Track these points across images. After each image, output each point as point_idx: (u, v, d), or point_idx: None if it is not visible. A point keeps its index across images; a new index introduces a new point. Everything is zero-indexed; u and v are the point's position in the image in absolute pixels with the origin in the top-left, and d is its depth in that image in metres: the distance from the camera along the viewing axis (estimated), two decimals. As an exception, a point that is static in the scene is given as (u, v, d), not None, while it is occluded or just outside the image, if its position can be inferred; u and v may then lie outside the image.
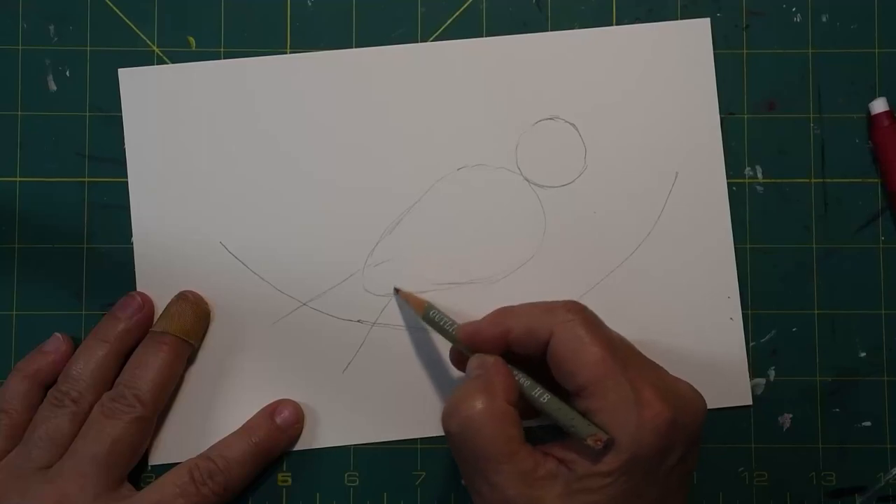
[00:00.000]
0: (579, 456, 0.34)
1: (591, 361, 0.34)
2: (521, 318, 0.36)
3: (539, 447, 0.35)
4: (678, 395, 0.35)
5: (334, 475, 0.43)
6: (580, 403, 0.35)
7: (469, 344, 0.37)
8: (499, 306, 0.40)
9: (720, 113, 0.44)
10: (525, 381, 0.36)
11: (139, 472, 0.42)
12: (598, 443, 0.33)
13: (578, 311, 0.36)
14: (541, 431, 0.35)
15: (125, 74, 0.43)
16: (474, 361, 0.37)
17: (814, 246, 0.44)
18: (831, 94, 0.44)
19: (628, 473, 0.33)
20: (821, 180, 0.44)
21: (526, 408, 0.36)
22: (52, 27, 0.44)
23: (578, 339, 0.35)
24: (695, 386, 0.42)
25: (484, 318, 0.37)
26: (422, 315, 0.40)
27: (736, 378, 0.43)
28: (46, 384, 0.41)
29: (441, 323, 0.39)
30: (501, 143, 0.43)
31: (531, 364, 0.36)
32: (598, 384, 0.34)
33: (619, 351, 0.35)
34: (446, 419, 0.35)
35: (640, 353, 0.37)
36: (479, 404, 0.34)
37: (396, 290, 0.42)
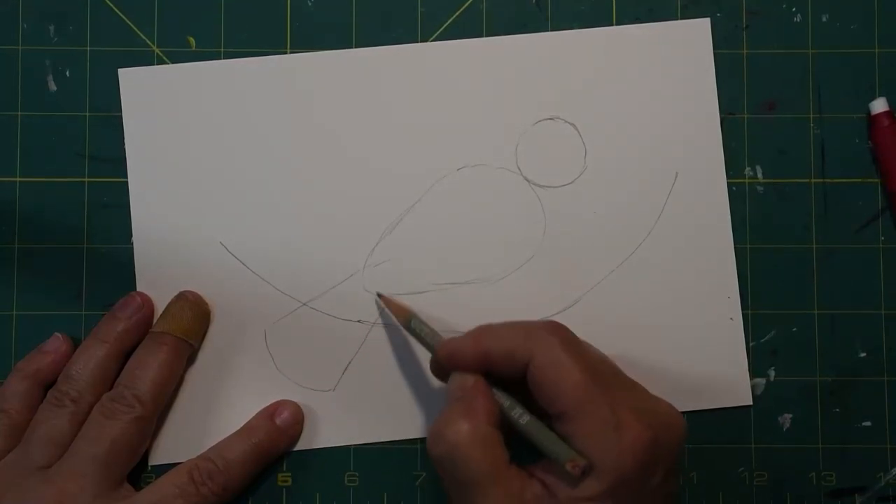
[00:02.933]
0: (560, 480, 0.34)
1: (570, 386, 0.34)
2: (501, 341, 0.36)
3: (525, 468, 0.35)
4: (658, 415, 0.35)
5: (334, 475, 0.43)
6: (560, 427, 0.35)
7: (448, 363, 0.37)
8: (499, 306, 0.40)
9: (720, 113, 0.44)
10: (505, 401, 0.36)
11: (139, 472, 0.42)
12: (577, 469, 0.33)
13: (558, 333, 0.35)
14: (526, 451, 0.36)
15: (125, 74, 0.43)
16: (454, 382, 0.37)
17: (814, 246, 0.44)
18: (831, 94, 0.44)
19: (612, 498, 0.33)
20: (821, 180, 0.44)
21: (510, 427, 0.36)
22: (52, 27, 0.44)
23: (558, 363, 0.34)
24: (695, 386, 0.43)
25: (464, 337, 0.37)
26: (402, 324, 0.40)
27: (736, 378, 0.43)
28: (46, 384, 0.41)
29: (422, 335, 0.39)
30: (501, 143, 0.43)
31: (512, 382, 0.36)
32: (578, 409, 0.34)
33: (599, 373, 0.35)
34: (431, 445, 0.35)
35: (620, 373, 0.37)
36: (462, 429, 0.35)
37: (379, 295, 0.42)
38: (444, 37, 0.44)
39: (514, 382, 0.36)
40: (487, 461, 0.34)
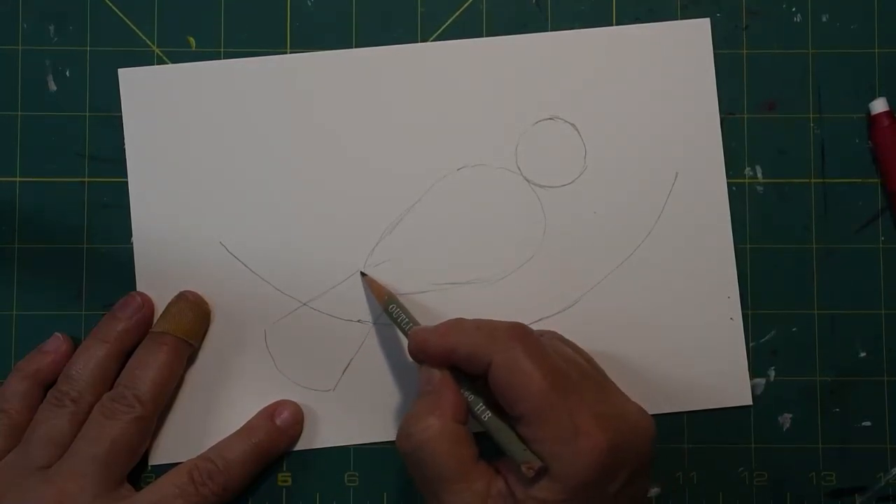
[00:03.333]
0: (517, 480, 0.34)
1: (529, 392, 0.34)
2: (466, 339, 0.36)
3: (492, 464, 0.36)
4: (624, 419, 0.35)
5: (334, 475, 0.43)
6: (520, 429, 0.35)
7: (417, 354, 0.37)
8: (499, 306, 0.40)
9: (720, 113, 0.44)
10: (469, 396, 0.36)
11: (139, 472, 0.42)
12: (530, 471, 0.33)
13: (520, 339, 0.35)
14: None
15: (125, 74, 0.43)
16: (423, 375, 0.37)
17: (814, 246, 0.44)
18: (831, 94, 0.44)
19: (567, 502, 0.33)
20: (821, 180, 0.44)
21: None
22: (52, 27, 0.44)
23: (518, 368, 0.34)
24: (695, 386, 0.43)
25: (434, 329, 0.37)
26: (381, 307, 0.40)
27: (736, 378, 0.43)
28: (46, 384, 0.41)
29: (399, 321, 0.39)
30: (501, 143, 0.43)
31: (483, 376, 0.36)
32: (536, 414, 0.34)
33: (563, 377, 0.35)
34: (401, 442, 0.36)
35: (591, 375, 0.37)
36: (430, 426, 0.35)
37: (363, 274, 0.42)
38: (444, 37, 0.44)
39: (484, 376, 0.36)
40: (454, 459, 0.35)
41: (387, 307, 0.40)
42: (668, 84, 0.44)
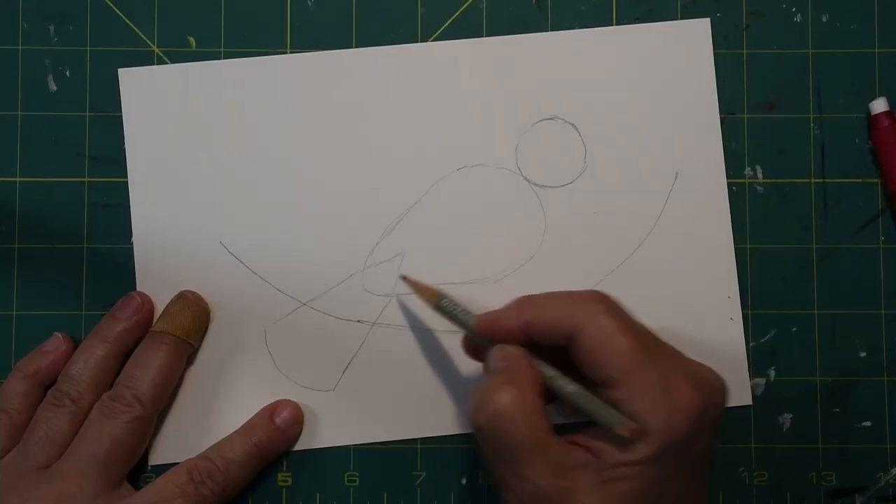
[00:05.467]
0: (608, 445, 0.34)
1: (619, 352, 0.34)
2: (545, 310, 0.36)
3: (565, 437, 0.35)
4: (703, 379, 0.35)
5: (334, 475, 0.43)
6: (608, 394, 0.34)
7: (488, 335, 0.37)
8: (504, 301, 0.40)
9: (720, 113, 0.44)
10: (549, 371, 0.36)
11: (139, 472, 0.42)
12: (634, 432, 0.33)
13: (604, 301, 0.36)
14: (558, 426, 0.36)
15: (125, 74, 0.43)
16: (497, 353, 0.36)
17: (814, 246, 0.44)
18: (831, 94, 0.44)
19: (661, 460, 0.33)
20: (821, 180, 0.44)
21: (552, 398, 0.36)
22: (52, 27, 0.44)
23: (606, 330, 0.34)
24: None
25: (504, 308, 0.37)
26: (433, 305, 0.39)
27: (736, 378, 0.43)
28: (46, 384, 0.41)
29: (455, 313, 0.39)
30: (501, 143, 0.43)
31: (549, 354, 0.36)
32: (627, 374, 0.34)
33: (645, 340, 0.35)
34: (475, 413, 0.35)
35: (662, 341, 0.37)
36: (507, 397, 0.34)
37: (403, 277, 0.42)
38: (444, 37, 0.44)
39: (551, 354, 0.36)
40: (531, 429, 0.34)
41: (439, 303, 0.39)
42: (668, 84, 0.44)
